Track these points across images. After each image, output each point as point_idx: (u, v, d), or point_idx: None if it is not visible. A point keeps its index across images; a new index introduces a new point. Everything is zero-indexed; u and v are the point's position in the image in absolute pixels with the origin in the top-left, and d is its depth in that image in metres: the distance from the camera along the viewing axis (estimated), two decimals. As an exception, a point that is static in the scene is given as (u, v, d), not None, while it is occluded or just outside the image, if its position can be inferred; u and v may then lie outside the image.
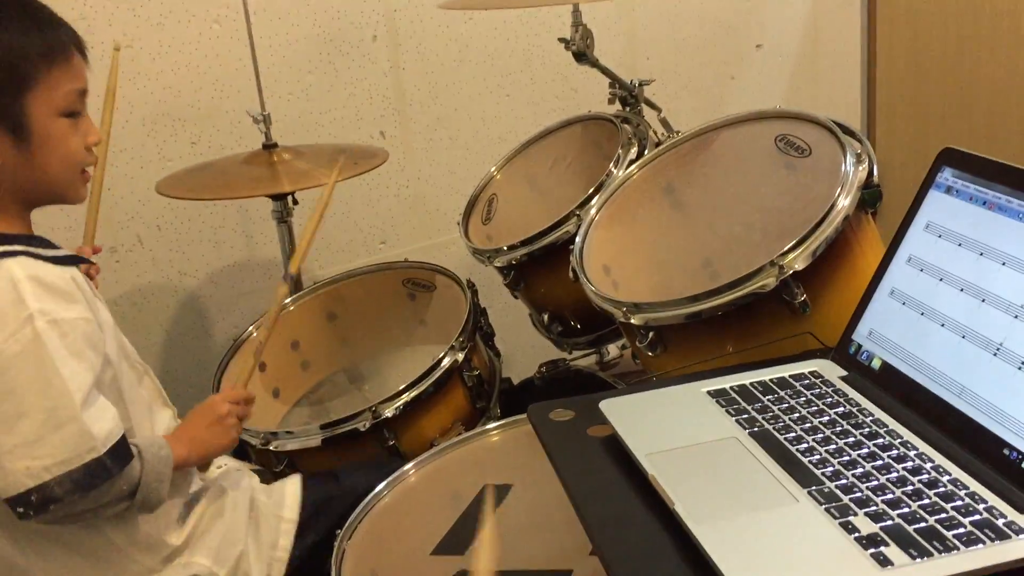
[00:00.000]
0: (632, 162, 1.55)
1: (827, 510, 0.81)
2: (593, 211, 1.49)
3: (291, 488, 1.41)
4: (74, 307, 1.11)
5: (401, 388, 1.51)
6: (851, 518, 0.80)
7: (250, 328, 1.79)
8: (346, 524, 1.26)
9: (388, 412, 1.49)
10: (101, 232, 1.95)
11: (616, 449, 0.96)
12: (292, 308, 1.85)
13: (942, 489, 0.83)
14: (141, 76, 1.95)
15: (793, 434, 0.94)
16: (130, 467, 1.12)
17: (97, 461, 1.08)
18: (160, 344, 2.09)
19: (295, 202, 1.84)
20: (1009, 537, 0.76)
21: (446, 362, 1.54)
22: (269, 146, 1.82)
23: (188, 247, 2.08)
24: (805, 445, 0.92)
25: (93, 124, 1.20)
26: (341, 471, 1.46)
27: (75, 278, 1.13)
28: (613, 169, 1.55)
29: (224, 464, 1.42)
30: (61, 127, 1.14)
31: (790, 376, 1.05)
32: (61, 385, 1.06)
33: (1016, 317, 0.88)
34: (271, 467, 1.56)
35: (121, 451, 1.11)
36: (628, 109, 1.78)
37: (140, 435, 1.22)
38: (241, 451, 1.62)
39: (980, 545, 0.75)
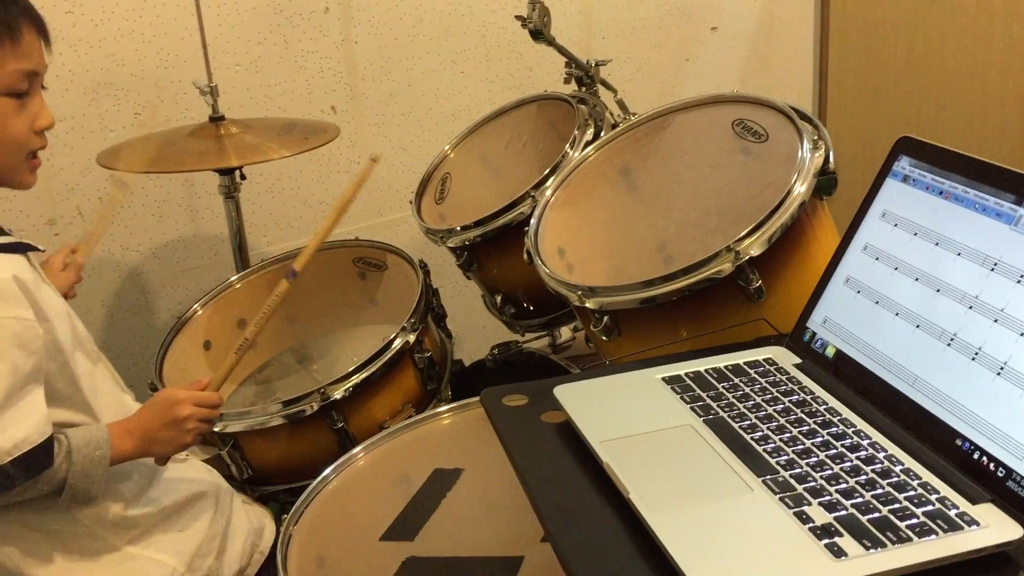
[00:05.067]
0: (588, 143, 1.54)
1: (781, 499, 0.81)
2: (548, 192, 1.47)
3: (269, 524, 1.44)
4: (3, 305, 1.07)
5: (351, 369, 1.49)
6: (805, 508, 0.80)
7: (195, 306, 1.75)
8: (292, 508, 1.23)
9: (337, 394, 1.47)
10: (40, 204, 1.90)
11: (570, 435, 0.95)
12: (239, 285, 1.82)
13: (895, 479, 0.83)
14: (83, 43, 1.88)
15: (748, 422, 0.93)
16: (51, 471, 1.10)
17: None
18: (100, 321, 2.03)
19: (243, 177, 1.80)
20: (961, 528, 0.76)
21: (397, 343, 1.52)
22: (216, 119, 1.77)
23: (131, 221, 2.02)
24: (759, 433, 0.91)
25: (46, 108, 1.16)
26: None
27: (17, 275, 1.08)
28: (569, 150, 1.53)
29: (186, 456, 1.39)
30: (2, 106, 1.10)
31: (744, 363, 1.05)
32: None
33: (970, 308, 0.88)
34: (216, 447, 1.53)
35: (32, 460, 1.07)
36: (584, 89, 1.76)
37: (103, 420, 1.20)
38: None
39: (933, 536, 0.75)
